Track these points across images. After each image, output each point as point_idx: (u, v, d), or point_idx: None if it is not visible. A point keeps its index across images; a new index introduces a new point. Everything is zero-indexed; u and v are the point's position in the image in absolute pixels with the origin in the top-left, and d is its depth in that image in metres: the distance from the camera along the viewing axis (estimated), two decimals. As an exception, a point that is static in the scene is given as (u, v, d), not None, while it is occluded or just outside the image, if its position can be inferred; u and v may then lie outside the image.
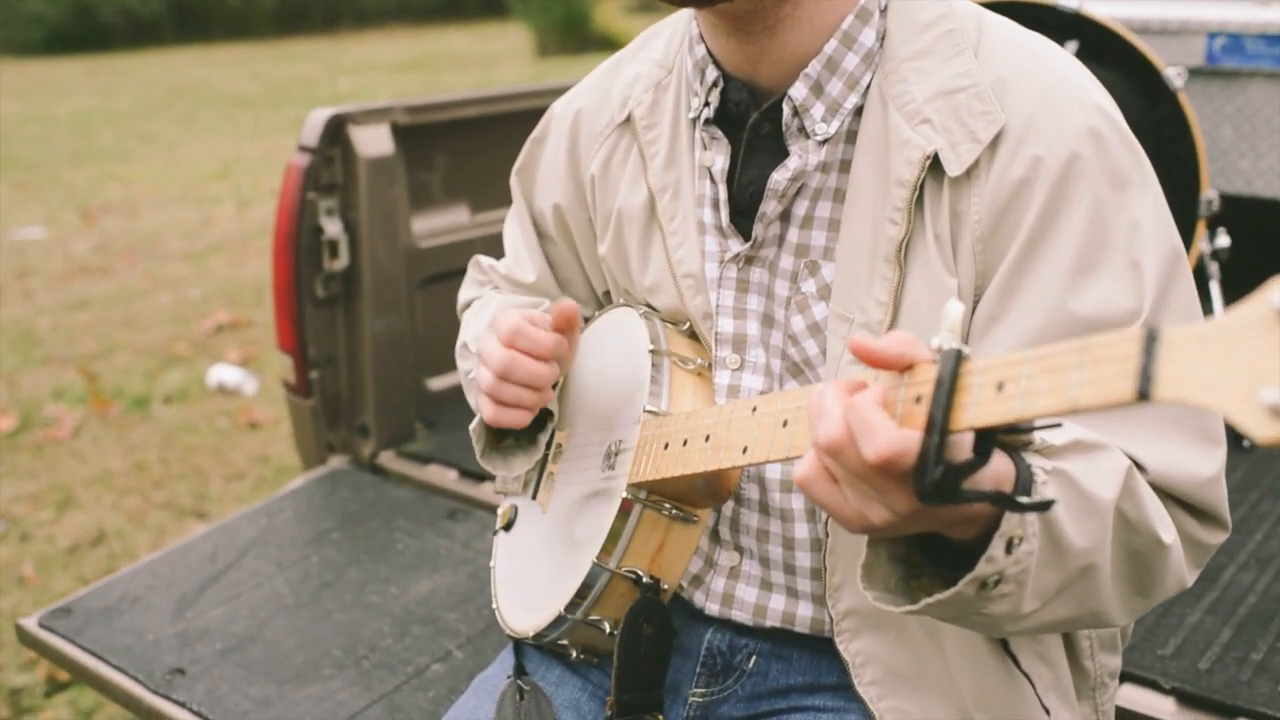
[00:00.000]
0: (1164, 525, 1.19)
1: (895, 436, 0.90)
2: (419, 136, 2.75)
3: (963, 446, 0.92)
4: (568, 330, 1.45)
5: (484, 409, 1.46)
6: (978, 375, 0.87)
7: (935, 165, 1.25)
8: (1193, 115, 2.75)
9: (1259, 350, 0.70)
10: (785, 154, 1.34)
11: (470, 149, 2.93)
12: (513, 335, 1.40)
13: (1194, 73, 3.31)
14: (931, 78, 1.27)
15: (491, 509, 2.49)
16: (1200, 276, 2.93)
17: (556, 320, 1.43)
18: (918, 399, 0.92)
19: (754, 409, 1.18)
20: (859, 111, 1.31)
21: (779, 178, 1.33)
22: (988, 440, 0.90)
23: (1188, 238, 2.87)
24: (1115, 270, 1.20)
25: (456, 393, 2.87)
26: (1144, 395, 0.75)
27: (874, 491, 0.95)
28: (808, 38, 1.31)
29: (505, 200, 3.00)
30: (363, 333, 2.65)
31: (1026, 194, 1.22)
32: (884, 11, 1.31)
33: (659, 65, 1.51)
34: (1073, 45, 2.79)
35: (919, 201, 1.26)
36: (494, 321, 1.46)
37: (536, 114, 2.99)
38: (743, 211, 1.40)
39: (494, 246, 2.96)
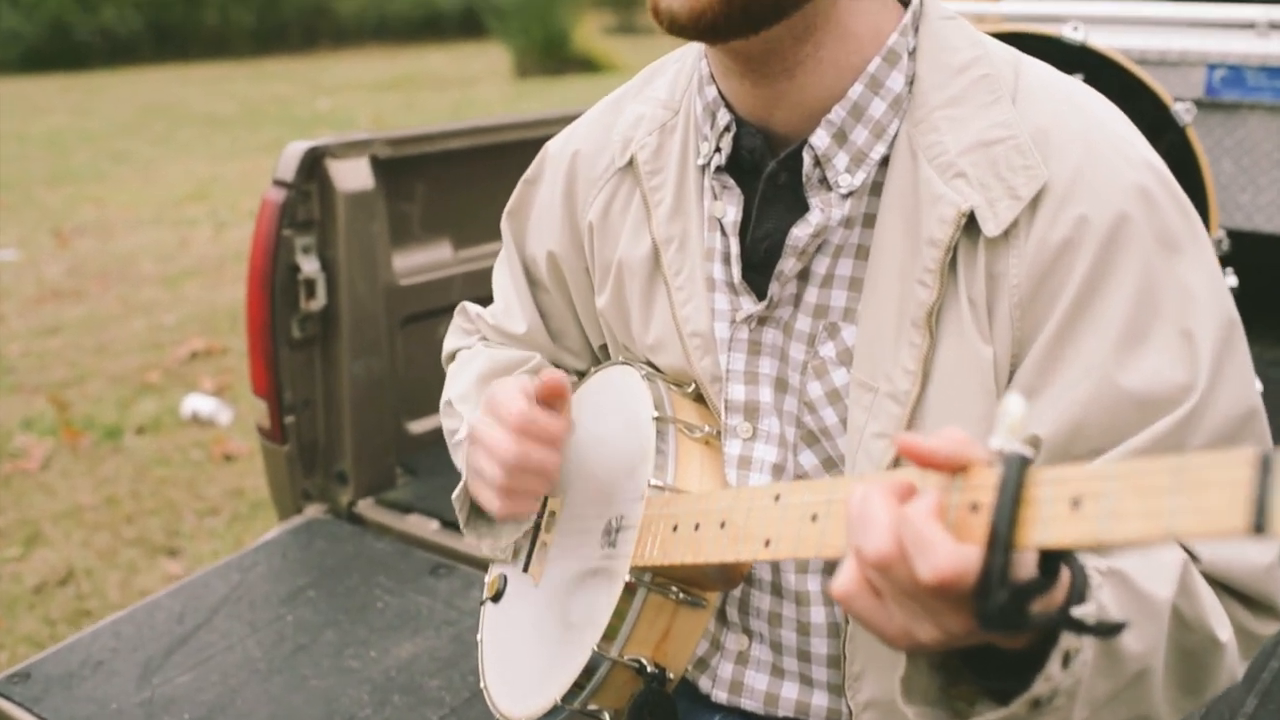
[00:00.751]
0: (1220, 622, 1.09)
1: (955, 555, 0.79)
2: (400, 169, 2.64)
3: (1027, 564, 0.81)
4: (557, 406, 1.33)
5: (490, 502, 1.33)
6: (1047, 487, 0.76)
7: (970, 224, 1.14)
8: (1203, 153, 2.66)
9: None
10: (804, 206, 1.23)
11: (453, 182, 2.82)
12: (524, 425, 1.28)
13: (1188, 102, 3.26)
14: (966, 127, 1.16)
15: (476, 563, 2.37)
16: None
17: (542, 393, 1.31)
18: (974, 506, 0.81)
19: (777, 497, 1.06)
20: (884, 162, 1.21)
21: (800, 233, 1.22)
22: (1054, 559, 0.79)
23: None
24: (1166, 341, 1.10)
25: (438, 436, 2.76)
26: (1259, 529, 0.64)
27: (925, 611, 0.84)
28: (830, 80, 1.20)
29: (489, 235, 2.92)
30: (341, 375, 2.54)
31: (1070, 257, 1.11)
32: (913, 54, 1.21)
33: (664, 106, 1.39)
34: (1077, 78, 2.70)
35: (952, 263, 1.15)
36: (493, 400, 1.34)
37: (521, 145, 2.91)
38: (756, 267, 1.28)
39: (477, 284, 2.87)
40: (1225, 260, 2.89)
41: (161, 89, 19.19)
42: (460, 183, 2.83)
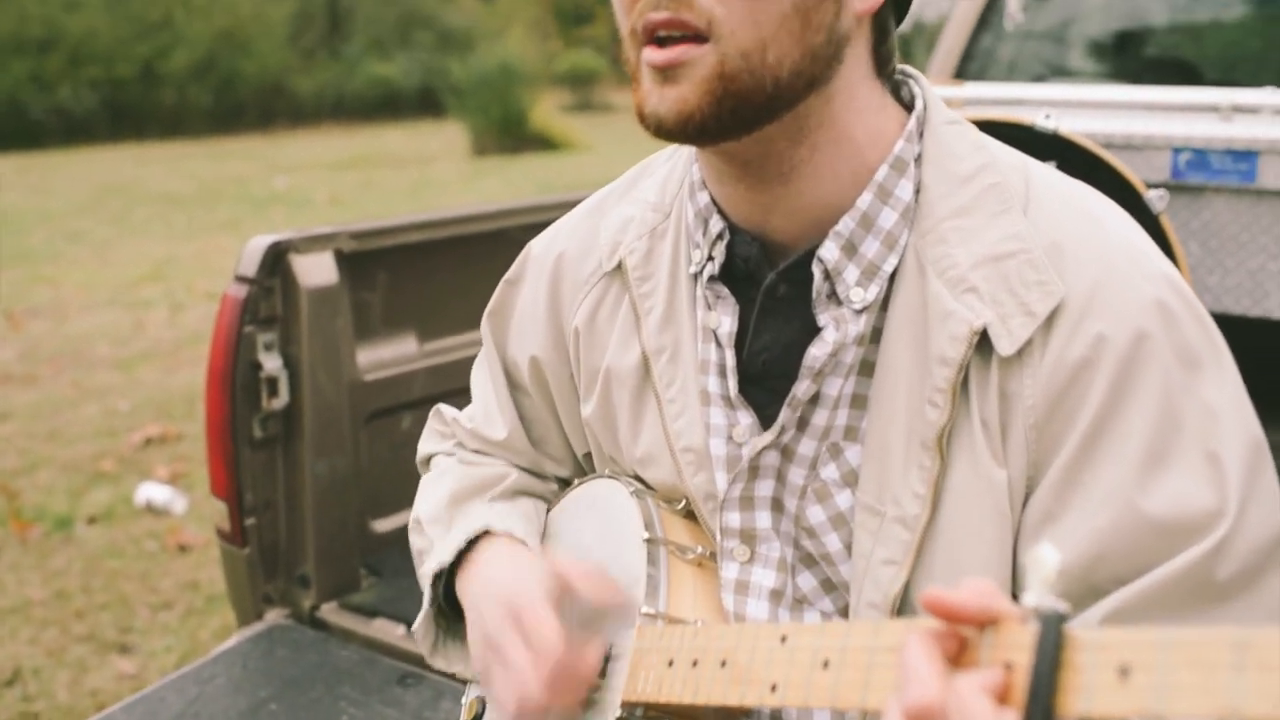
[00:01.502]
0: None
1: None
2: (363, 262, 2.60)
3: None
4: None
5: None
6: (1090, 653, 0.70)
7: (983, 341, 1.10)
8: (1177, 241, 2.67)
9: None
10: (804, 319, 1.18)
11: (417, 274, 2.78)
12: (555, 678, 1.17)
13: (1159, 187, 3.29)
14: (976, 239, 1.12)
15: (447, 673, 2.29)
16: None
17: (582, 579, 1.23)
18: (1008, 666, 0.75)
19: (783, 638, 1.00)
20: (893, 275, 1.17)
21: (817, 353, 1.17)
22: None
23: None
24: (1190, 463, 1.05)
25: (404, 535, 2.68)
26: None
27: None
28: (828, 186, 1.16)
29: (454, 328, 2.88)
30: (303, 475, 2.46)
31: (1088, 376, 1.07)
32: (918, 161, 1.17)
33: (654, 209, 1.35)
34: (1053, 163, 2.71)
35: (964, 382, 1.11)
36: (518, 612, 1.23)
37: (485, 237, 2.87)
38: (753, 380, 1.24)
39: (443, 378, 2.82)
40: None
41: (118, 168, 19.19)
42: (424, 275, 2.79)
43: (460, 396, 1.65)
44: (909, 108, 1.20)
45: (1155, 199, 2.66)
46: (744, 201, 1.20)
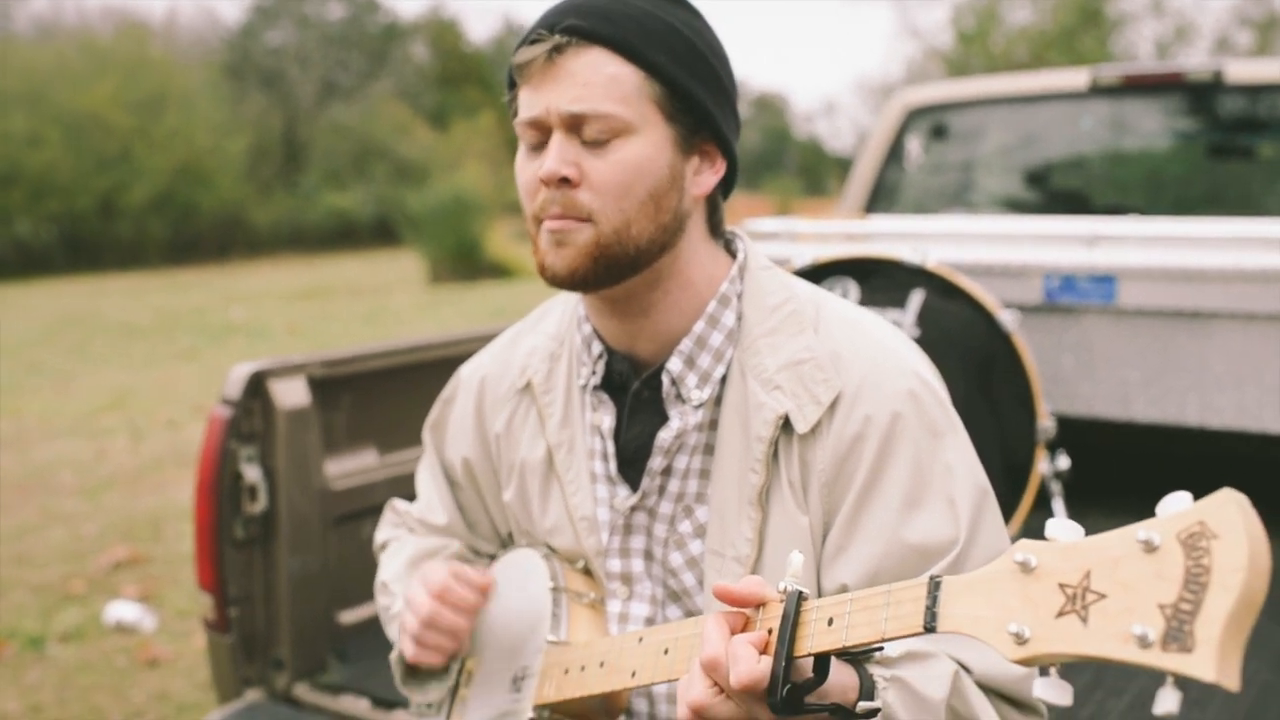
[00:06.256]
0: (989, 717, 1.42)
1: (753, 665, 1.15)
2: (331, 386, 2.99)
3: (805, 669, 1.17)
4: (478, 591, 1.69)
5: (406, 648, 1.68)
6: (813, 612, 1.13)
7: (786, 423, 1.51)
8: (1025, 354, 3.10)
9: (1008, 594, 0.97)
10: (663, 414, 1.61)
11: (379, 396, 3.17)
12: (442, 591, 1.64)
13: (1035, 308, 3.68)
14: (780, 351, 1.54)
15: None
16: (1043, 496, 3.26)
17: (466, 578, 1.68)
18: (770, 630, 1.18)
19: (640, 639, 1.42)
20: (722, 380, 1.59)
21: (665, 436, 1.59)
22: (824, 663, 1.15)
23: (1029, 461, 3.19)
24: (936, 506, 1.46)
25: (367, 626, 3.04)
26: (930, 629, 1.01)
27: (744, 706, 1.19)
28: (676, 318, 1.59)
29: (411, 442, 3.27)
30: (279, 570, 2.83)
31: (861, 446, 1.48)
32: (740, 296, 1.61)
33: (552, 338, 1.77)
34: (921, 291, 3.15)
35: (775, 454, 1.52)
36: (425, 574, 1.69)
37: (435, 364, 3.28)
38: (628, 462, 1.65)
39: (400, 486, 3.19)
40: (1054, 443, 3.32)
41: (76, 300, 19.31)
42: (384, 397, 3.18)
43: (413, 497, 2.06)
44: (735, 256, 1.65)
45: (1008, 319, 3.11)
46: (617, 330, 1.64)
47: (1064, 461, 3.29)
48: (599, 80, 1.46)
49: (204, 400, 10.98)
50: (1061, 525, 0.97)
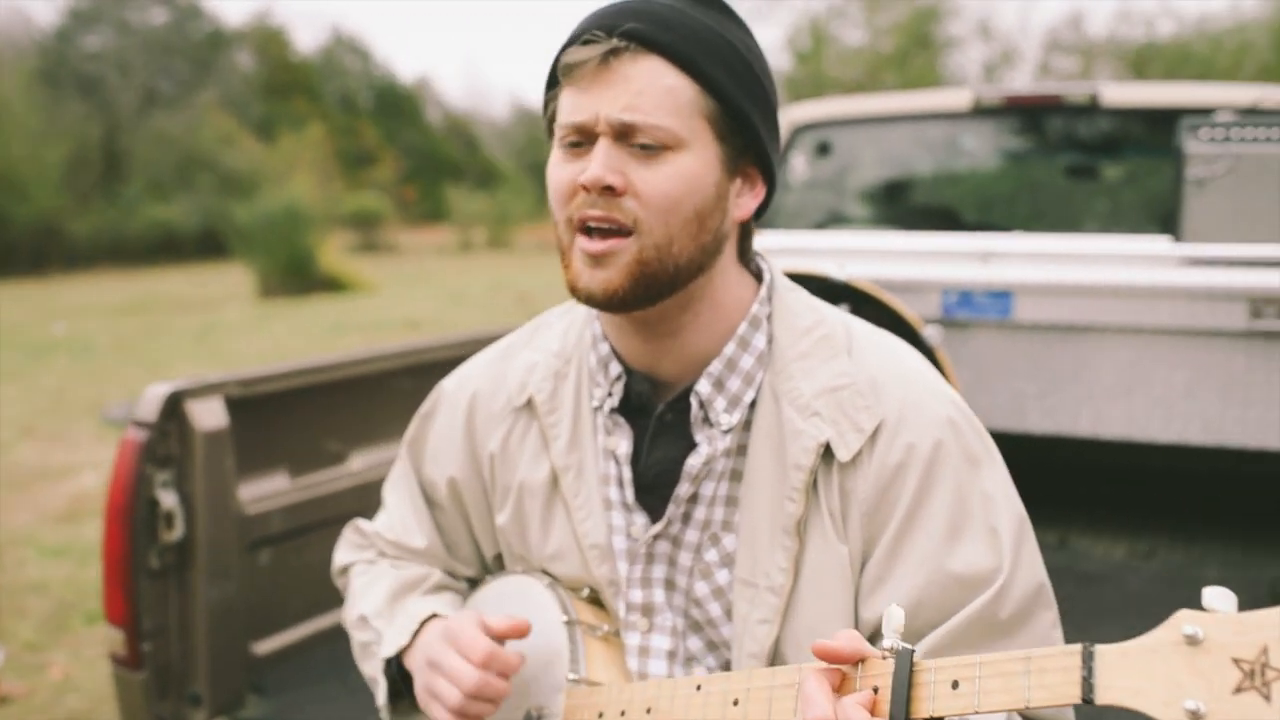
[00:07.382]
0: None
1: None
2: (247, 406, 2.86)
3: None
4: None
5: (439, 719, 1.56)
6: (931, 673, 1.11)
7: (827, 451, 1.48)
8: (951, 369, 3.16)
9: (1174, 667, 0.95)
10: (687, 439, 1.56)
11: (288, 417, 3.05)
12: (488, 659, 1.51)
13: (934, 323, 3.77)
14: (815, 376, 1.52)
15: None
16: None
17: (504, 632, 1.55)
18: (875, 689, 1.15)
19: (698, 686, 1.35)
20: (752, 404, 1.56)
21: (694, 463, 1.54)
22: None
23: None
24: (978, 535, 1.44)
25: (283, 656, 2.91)
26: (1088, 700, 1.00)
27: None
28: (705, 340, 1.55)
29: (323, 463, 3.14)
30: (196, 601, 2.68)
31: (904, 475, 1.46)
32: (770, 318, 1.58)
33: (556, 356, 1.70)
34: (846, 306, 3.17)
35: (814, 483, 1.49)
36: (454, 634, 1.55)
37: (347, 383, 3.15)
38: (647, 489, 1.60)
39: (315, 509, 3.06)
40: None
41: (-120, 316, 18.20)
42: (296, 416, 3.06)
43: (337, 525, 1.93)
44: (760, 277, 1.62)
45: (932, 334, 3.17)
46: (640, 350, 1.59)
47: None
48: (655, 90, 1.42)
49: (32, 421, 10.44)
50: (1220, 595, 0.95)
